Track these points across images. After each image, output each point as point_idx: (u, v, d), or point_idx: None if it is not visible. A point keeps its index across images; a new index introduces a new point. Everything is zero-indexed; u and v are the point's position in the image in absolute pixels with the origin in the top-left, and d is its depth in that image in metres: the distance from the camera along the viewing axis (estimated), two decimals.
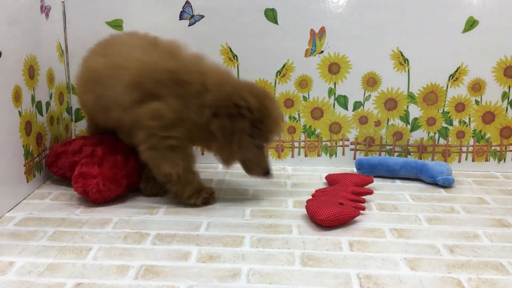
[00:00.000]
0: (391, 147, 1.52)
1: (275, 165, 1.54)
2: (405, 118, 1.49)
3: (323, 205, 1.08)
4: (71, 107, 1.53)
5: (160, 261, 0.92)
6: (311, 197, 1.20)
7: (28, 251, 0.95)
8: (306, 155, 1.54)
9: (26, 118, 1.21)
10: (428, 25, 1.41)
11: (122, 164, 1.21)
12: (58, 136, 1.43)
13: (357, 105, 1.49)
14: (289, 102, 1.50)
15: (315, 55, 1.46)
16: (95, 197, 1.16)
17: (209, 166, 1.52)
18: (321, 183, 1.37)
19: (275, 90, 1.49)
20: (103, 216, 1.12)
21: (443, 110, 1.47)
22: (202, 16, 1.44)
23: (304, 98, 1.49)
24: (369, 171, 1.43)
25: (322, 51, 1.45)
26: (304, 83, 1.48)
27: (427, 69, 1.45)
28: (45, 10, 1.32)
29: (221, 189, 1.32)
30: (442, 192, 1.31)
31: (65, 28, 1.46)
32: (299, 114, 1.51)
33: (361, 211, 1.14)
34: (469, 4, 1.39)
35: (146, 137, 1.12)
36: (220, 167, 1.52)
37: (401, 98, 1.48)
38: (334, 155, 1.53)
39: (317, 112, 1.50)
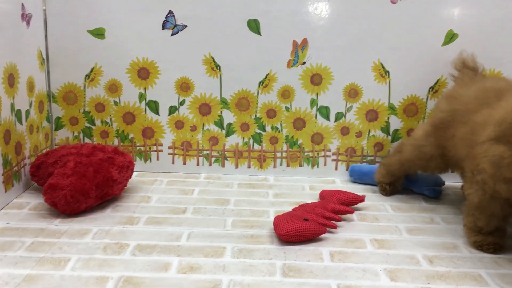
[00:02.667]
0: (372, 157, 1.53)
1: (257, 175, 1.54)
2: (386, 129, 1.51)
3: (287, 219, 1.07)
4: (51, 115, 1.51)
5: (140, 272, 0.91)
6: (290, 209, 1.20)
7: (5, 261, 0.93)
8: (288, 166, 1.54)
9: (5, 127, 1.19)
10: (409, 38, 1.43)
11: (92, 175, 1.19)
12: (38, 145, 1.41)
13: (339, 116, 1.50)
14: (272, 113, 1.50)
15: (297, 66, 1.46)
16: (64, 209, 1.14)
17: (191, 176, 1.51)
18: (303, 194, 1.38)
19: (257, 100, 1.49)
20: (82, 226, 1.10)
21: (423, 121, 1.49)
22: (185, 26, 1.44)
23: (287, 108, 1.50)
24: (360, 178, 1.47)
25: (304, 62, 1.46)
26: (286, 94, 1.49)
27: (407, 81, 1.46)
28: (26, 18, 1.31)
29: (203, 199, 1.31)
30: (422, 203, 1.33)
31: (46, 36, 1.45)
32: (281, 125, 1.51)
33: (340, 224, 1.14)
34: (448, 18, 1.42)
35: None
36: (202, 177, 1.51)
37: (382, 110, 1.49)
38: (316, 166, 1.54)
39: (299, 123, 1.51)
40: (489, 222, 1.01)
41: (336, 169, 1.54)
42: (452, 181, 1.49)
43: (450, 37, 1.43)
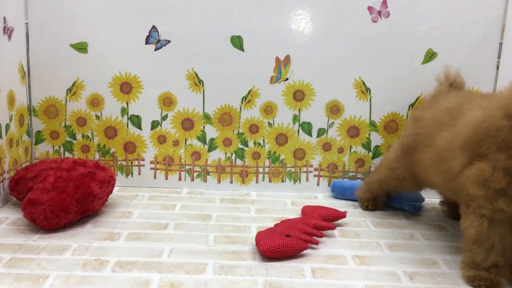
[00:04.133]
0: (354, 173, 1.55)
1: (240, 190, 1.54)
2: (367, 145, 1.53)
3: (269, 235, 1.07)
4: (32, 129, 1.50)
5: None
6: (272, 225, 1.20)
7: None
8: (270, 181, 1.55)
9: None
10: (389, 56, 1.45)
11: (73, 190, 1.17)
12: (18, 159, 1.39)
13: (321, 132, 1.51)
14: (254, 128, 1.51)
15: (280, 82, 1.48)
16: (43, 224, 1.13)
17: (173, 191, 1.50)
18: (285, 209, 1.38)
19: (240, 116, 1.50)
20: (62, 242, 1.09)
21: (397, 140, 1.51)
22: (169, 41, 1.45)
23: (269, 124, 1.51)
24: (341, 193, 1.49)
25: (287, 79, 1.47)
26: (269, 109, 1.50)
27: (388, 99, 1.49)
28: (7, 31, 1.30)
29: (184, 214, 1.30)
30: (403, 219, 1.34)
31: (27, 49, 1.44)
32: (264, 140, 1.52)
33: (322, 240, 1.15)
34: (428, 37, 1.44)
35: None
36: (184, 192, 1.51)
37: (363, 126, 1.51)
38: (298, 181, 1.55)
39: (281, 138, 1.52)
40: (487, 257, 0.96)
41: (318, 184, 1.55)
42: (431, 197, 1.51)
43: (430, 55, 1.46)
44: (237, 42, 1.45)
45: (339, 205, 1.43)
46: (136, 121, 1.50)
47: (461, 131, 1.00)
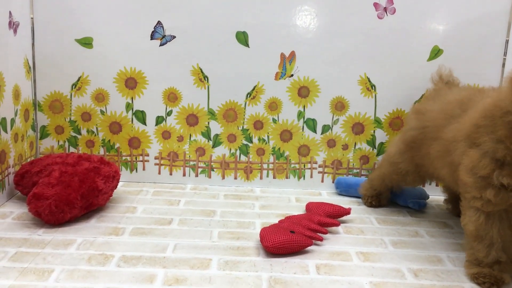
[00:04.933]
0: (358, 170, 1.55)
1: (244, 186, 1.54)
2: (371, 142, 1.52)
3: (273, 231, 1.07)
4: (37, 124, 1.50)
5: (125, 284, 0.90)
6: (277, 221, 1.20)
7: None
8: (274, 177, 1.55)
9: None
10: (395, 52, 1.45)
11: (78, 184, 1.18)
12: (22, 154, 1.40)
13: (326, 128, 1.51)
14: (259, 124, 1.51)
15: (285, 79, 1.47)
16: (48, 219, 1.13)
17: (177, 186, 1.50)
18: (289, 205, 1.38)
19: (245, 112, 1.50)
20: (67, 237, 1.09)
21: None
22: (174, 37, 1.44)
23: (274, 120, 1.51)
24: (346, 190, 1.49)
25: (292, 75, 1.47)
26: (274, 106, 1.49)
27: (393, 95, 1.48)
28: (13, 26, 1.30)
29: (189, 210, 1.31)
30: (407, 216, 1.34)
31: (33, 44, 1.44)
32: (268, 136, 1.52)
33: (326, 237, 1.15)
34: (434, 34, 1.44)
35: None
36: (188, 187, 1.51)
37: (368, 123, 1.51)
38: (302, 178, 1.55)
39: (286, 135, 1.52)
40: (489, 253, 0.96)
41: (322, 181, 1.55)
42: (436, 194, 1.51)
43: (436, 52, 1.45)
44: (242, 38, 1.44)
45: (344, 201, 1.43)
46: (140, 116, 1.50)
47: (467, 121, 1.00)
